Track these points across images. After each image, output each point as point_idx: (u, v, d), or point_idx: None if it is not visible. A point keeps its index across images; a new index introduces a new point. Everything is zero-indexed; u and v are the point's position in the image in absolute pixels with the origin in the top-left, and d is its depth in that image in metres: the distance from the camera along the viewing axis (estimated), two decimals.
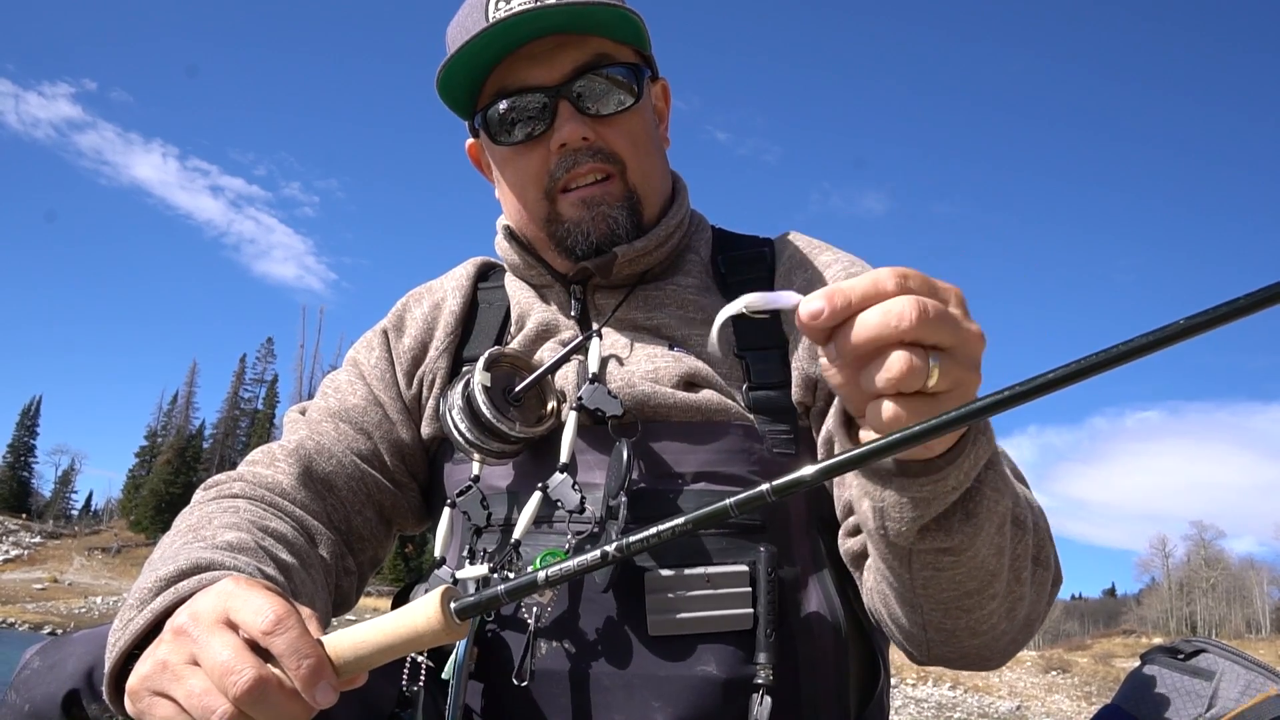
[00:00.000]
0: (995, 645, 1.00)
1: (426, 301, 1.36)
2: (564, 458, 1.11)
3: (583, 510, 1.09)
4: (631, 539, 0.65)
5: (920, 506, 0.80)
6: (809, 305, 0.66)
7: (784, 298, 0.68)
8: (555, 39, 1.14)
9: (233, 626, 0.70)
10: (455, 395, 1.15)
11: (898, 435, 0.61)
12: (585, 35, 1.15)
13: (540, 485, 1.11)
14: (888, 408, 0.67)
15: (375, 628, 0.68)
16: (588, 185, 1.17)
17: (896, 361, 0.65)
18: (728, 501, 0.63)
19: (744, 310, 0.69)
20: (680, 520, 0.64)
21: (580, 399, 1.13)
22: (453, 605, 0.67)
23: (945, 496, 0.79)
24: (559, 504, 1.10)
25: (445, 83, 1.17)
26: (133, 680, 0.73)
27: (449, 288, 1.36)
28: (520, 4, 1.11)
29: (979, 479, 0.82)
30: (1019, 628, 1.00)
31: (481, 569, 1.10)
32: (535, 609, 1.07)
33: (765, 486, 0.63)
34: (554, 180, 1.17)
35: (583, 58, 1.15)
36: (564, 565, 0.66)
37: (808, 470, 0.63)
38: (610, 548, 0.65)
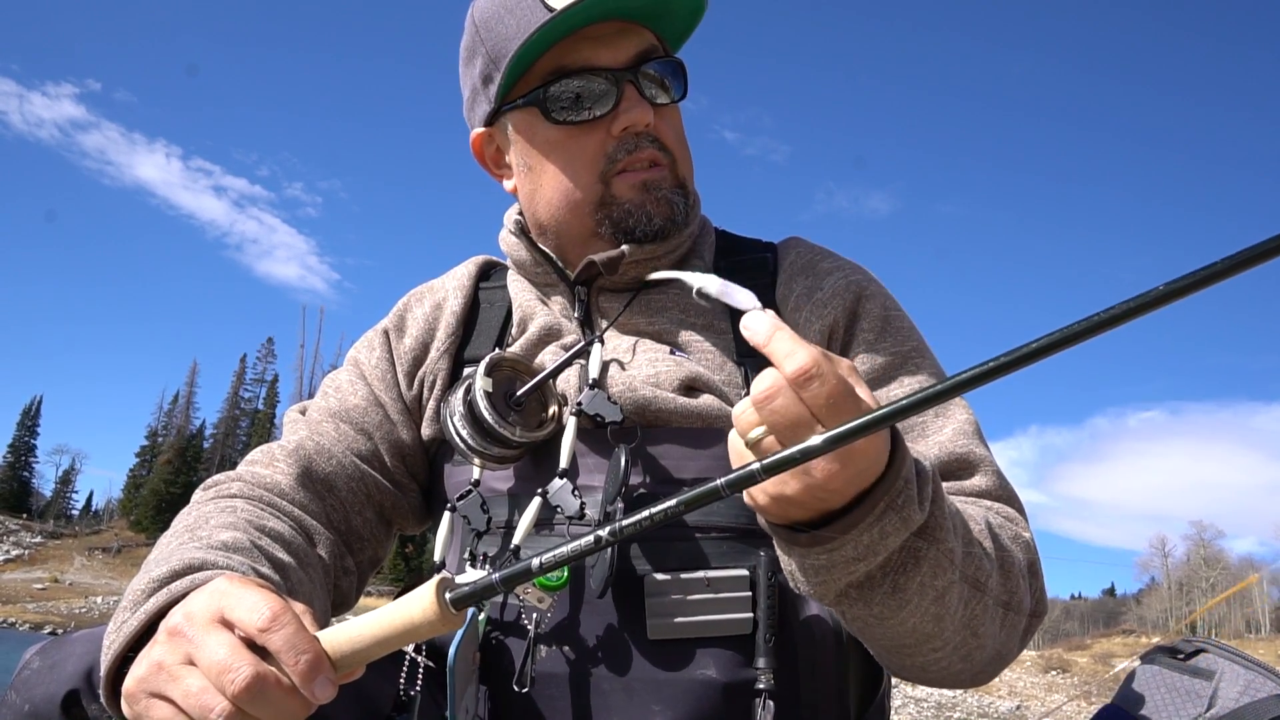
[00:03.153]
0: (958, 679, 1.00)
1: (428, 301, 1.35)
2: (564, 463, 1.11)
3: (582, 516, 1.09)
4: (625, 522, 0.65)
5: (822, 573, 0.80)
6: (753, 321, 0.73)
7: (742, 299, 0.76)
8: (617, 24, 1.15)
9: (228, 625, 0.70)
10: (456, 401, 1.15)
11: (888, 409, 0.61)
12: (642, 25, 1.17)
13: (540, 491, 1.11)
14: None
15: (372, 621, 0.68)
16: (646, 169, 1.18)
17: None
18: (719, 481, 0.63)
19: (698, 289, 0.76)
20: (672, 502, 0.64)
21: (580, 404, 1.13)
22: (448, 595, 0.67)
23: (846, 566, 0.79)
24: (558, 509, 1.10)
25: (513, 69, 1.15)
26: (129, 682, 0.72)
27: (450, 287, 1.35)
28: None
29: (915, 557, 0.81)
30: (984, 663, 0.99)
31: (479, 574, 1.10)
32: (535, 615, 1.07)
33: (755, 465, 0.63)
34: (612, 163, 1.17)
35: (643, 45, 1.17)
36: (558, 551, 0.65)
37: (795, 448, 0.63)
38: (604, 531, 0.65)
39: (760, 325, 0.72)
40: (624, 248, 1.18)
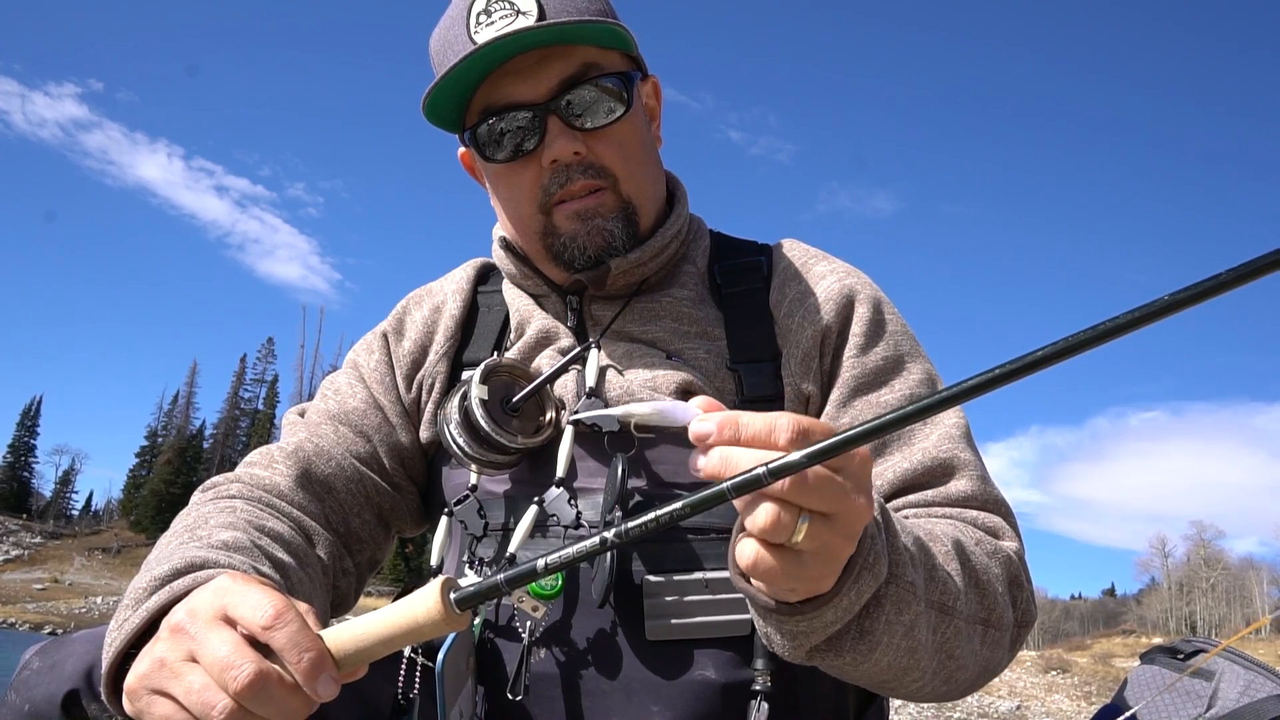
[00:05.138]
0: (946, 696, 0.99)
1: (426, 304, 1.36)
2: (560, 472, 1.11)
3: (578, 525, 1.10)
4: (630, 524, 0.65)
5: (800, 638, 0.80)
6: (698, 427, 0.67)
7: (678, 414, 0.69)
8: (540, 52, 1.12)
9: (230, 622, 0.70)
10: (452, 408, 1.15)
11: (890, 416, 0.61)
12: (570, 46, 1.13)
13: (536, 500, 1.11)
14: (747, 547, 0.69)
15: (375, 620, 0.68)
16: (581, 198, 1.16)
17: (762, 514, 0.66)
18: (724, 484, 0.63)
19: (633, 420, 0.70)
20: (678, 505, 0.64)
21: (577, 413, 1.13)
22: (452, 595, 0.67)
23: (824, 629, 0.79)
24: (554, 517, 1.11)
25: (431, 106, 1.16)
26: (131, 679, 0.72)
27: (449, 291, 1.35)
28: (502, 17, 1.10)
29: (877, 599, 0.81)
30: (969, 682, 0.98)
31: (476, 579, 1.10)
32: (529, 623, 1.07)
33: (760, 469, 0.63)
34: (548, 195, 1.16)
35: (569, 70, 1.13)
36: (563, 552, 0.65)
37: (799, 454, 0.63)
38: (609, 534, 0.65)
39: (711, 424, 0.67)
40: (609, 263, 1.18)
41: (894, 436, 1.13)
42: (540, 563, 0.66)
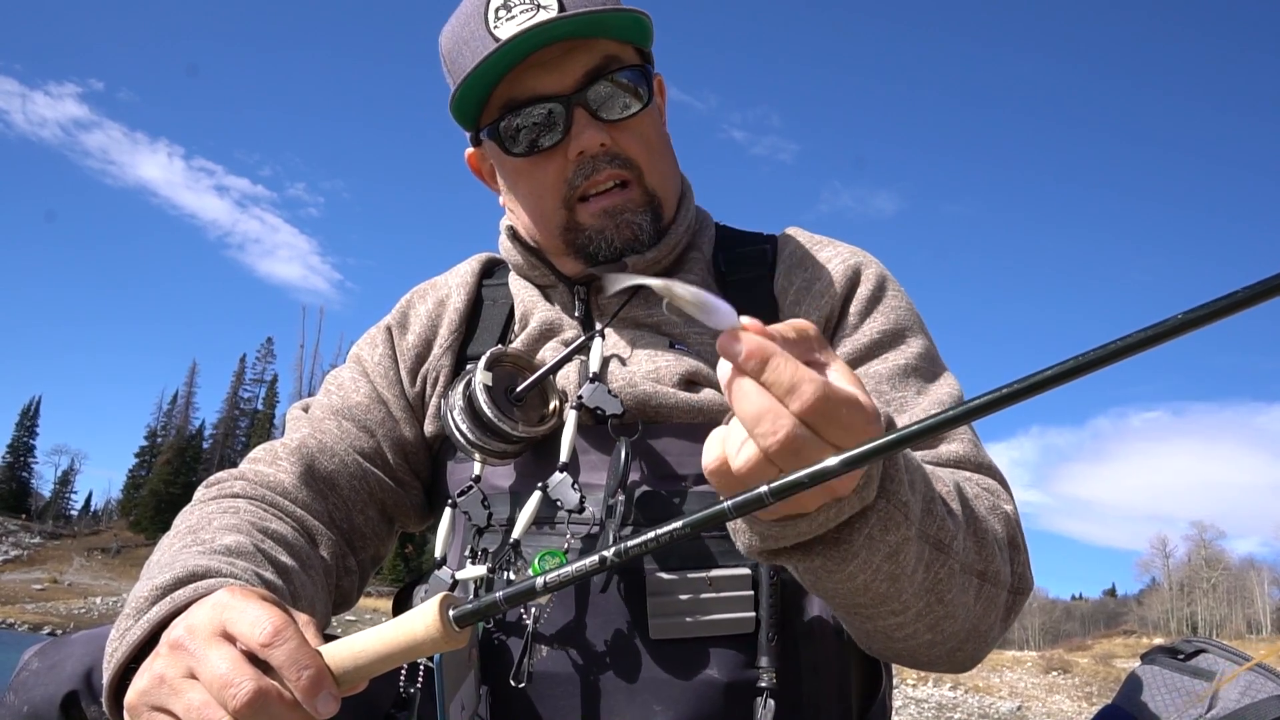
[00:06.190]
0: (931, 652, 0.95)
1: (431, 298, 1.36)
2: (564, 457, 1.11)
3: (582, 510, 1.09)
4: (630, 543, 0.64)
5: (768, 540, 0.76)
6: (727, 344, 0.63)
7: (718, 316, 0.64)
8: (564, 44, 1.12)
9: (230, 639, 0.69)
10: (456, 395, 1.15)
11: (897, 435, 0.60)
12: (592, 39, 1.14)
13: (540, 485, 1.11)
14: (712, 455, 0.68)
15: (374, 636, 0.68)
16: (607, 192, 1.16)
17: (742, 458, 0.65)
18: (725, 504, 0.62)
19: (670, 297, 0.65)
20: (678, 524, 0.63)
21: (580, 398, 1.13)
22: (451, 613, 0.66)
23: (796, 536, 0.75)
24: (559, 504, 1.10)
25: (459, 104, 1.16)
26: (131, 695, 0.72)
27: (453, 284, 1.35)
28: (523, 11, 1.09)
29: (862, 512, 0.75)
30: (959, 637, 0.94)
31: (480, 570, 1.10)
32: (534, 610, 1.07)
33: (764, 488, 0.62)
34: (572, 189, 1.16)
35: (592, 62, 1.13)
36: (562, 571, 0.65)
37: (804, 472, 0.62)
38: (608, 552, 0.64)
39: (741, 348, 0.63)
40: (625, 261, 1.18)
41: (884, 406, 1.12)
42: (539, 581, 0.65)
